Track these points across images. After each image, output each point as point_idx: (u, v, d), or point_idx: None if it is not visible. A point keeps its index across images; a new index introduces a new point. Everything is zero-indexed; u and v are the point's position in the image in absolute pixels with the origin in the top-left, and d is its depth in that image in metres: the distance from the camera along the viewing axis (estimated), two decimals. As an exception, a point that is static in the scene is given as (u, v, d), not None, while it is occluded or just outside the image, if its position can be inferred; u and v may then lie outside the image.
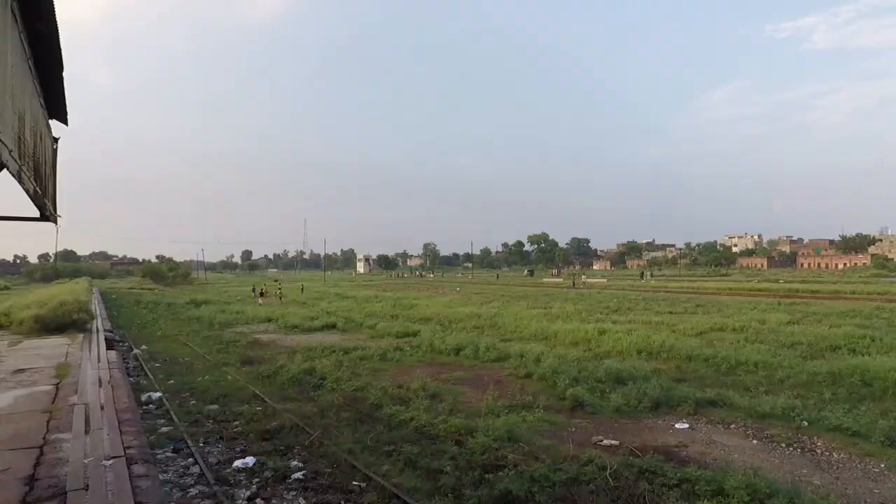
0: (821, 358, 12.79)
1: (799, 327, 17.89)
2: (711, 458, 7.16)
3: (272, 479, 6.81)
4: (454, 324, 22.14)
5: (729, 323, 19.42)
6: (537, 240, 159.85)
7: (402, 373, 13.20)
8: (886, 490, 6.14)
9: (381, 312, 28.05)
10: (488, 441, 7.42)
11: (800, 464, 6.97)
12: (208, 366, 14.90)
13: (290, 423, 8.85)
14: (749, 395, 9.98)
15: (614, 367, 11.81)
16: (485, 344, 15.68)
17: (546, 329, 18.89)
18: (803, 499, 5.42)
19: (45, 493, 5.26)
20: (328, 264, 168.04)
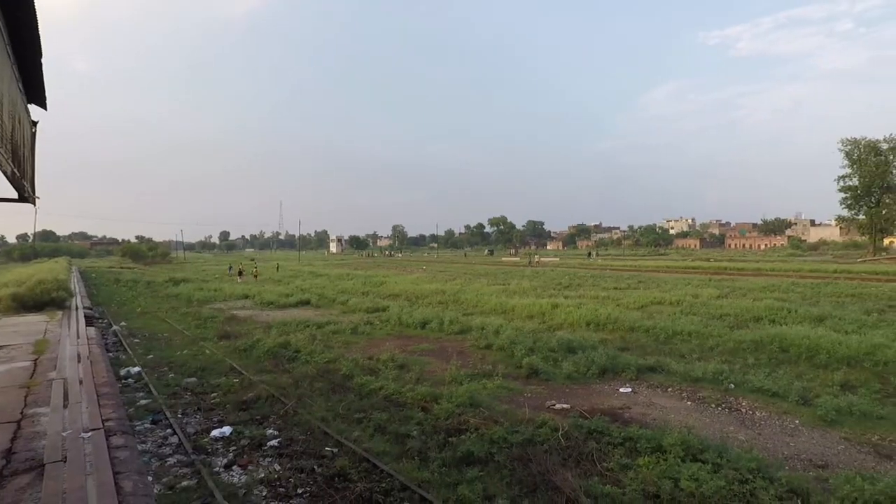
0: (745, 328, 13.28)
1: (727, 301, 18.54)
2: (651, 418, 7.35)
3: (248, 446, 6.65)
4: (420, 300, 22.08)
5: (667, 297, 19.97)
6: (497, 222, 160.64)
7: (372, 345, 13.08)
8: (800, 443, 6.44)
9: (352, 289, 27.73)
10: (452, 407, 7.42)
11: (727, 422, 7.24)
12: (186, 341, 14.43)
13: (266, 394, 8.66)
14: (684, 361, 10.29)
15: (566, 338, 11.99)
16: (449, 318, 15.68)
17: (504, 304, 19.03)
18: (730, 453, 5.61)
19: (23, 465, 4.97)
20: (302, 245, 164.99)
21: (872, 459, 5.89)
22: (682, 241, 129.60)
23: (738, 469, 5.21)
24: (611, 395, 8.64)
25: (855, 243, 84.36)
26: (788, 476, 5.16)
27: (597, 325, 14.42)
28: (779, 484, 4.97)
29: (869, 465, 5.69)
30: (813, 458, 5.97)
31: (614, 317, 14.88)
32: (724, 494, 4.77)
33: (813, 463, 5.83)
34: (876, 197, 63.99)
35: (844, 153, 65.22)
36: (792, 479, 5.06)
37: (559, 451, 6.00)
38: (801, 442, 6.48)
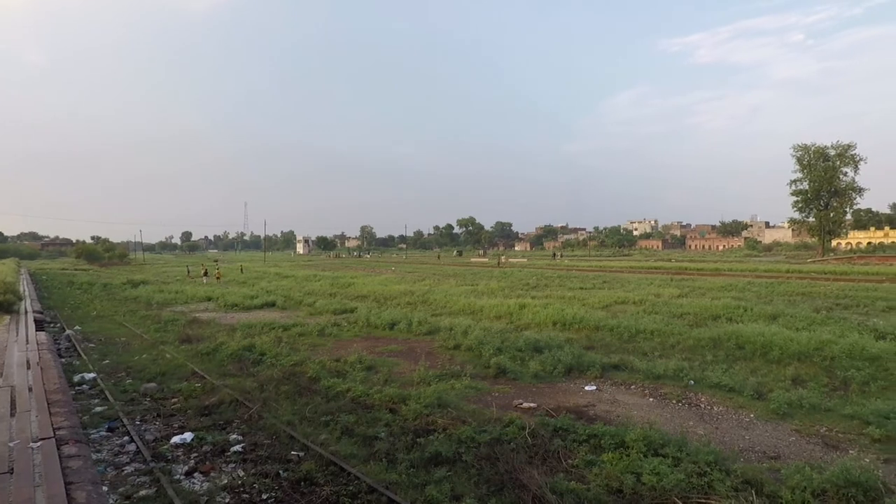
0: (704, 326, 13.73)
1: (687, 300, 19.13)
2: (615, 415, 7.52)
3: (211, 452, 6.47)
4: (389, 301, 21.96)
5: (630, 297, 20.47)
6: (466, 223, 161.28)
7: (339, 347, 12.93)
8: (754, 436, 6.71)
9: (319, 291, 27.36)
10: (420, 408, 7.41)
11: (687, 417, 7.47)
12: (146, 345, 13.94)
13: (230, 398, 8.45)
14: (646, 359, 10.56)
15: (533, 338, 12.14)
16: (417, 319, 15.66)
17: (473, 304, 19.13)
18: (689, 447, 5.80)
19: (-35, 479, 4.70)
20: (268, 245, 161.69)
21: (820, 450, 6.18)
22: (645, 243, 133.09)
23: (696, 462, 5.38)
24: (576, 393, 8.79)
25: (805, 244, 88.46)
26: (744, 468, 5.36)
27: (563, 325, 14.65)
28: (735, 476, 5.15)
29: (817, 456, 5.97)
30: (766, 449, 6.23)
31: (580, 316, 15.15)
32: (684, 487, 4.92)
33: (766, 455, 6.07)
34: (824, 200, 67.24)
35: (796, 159, 68.30)
36: (747, 471, 5.26)
37: (526, 449, 6.07)
38: (755, 435, 6.74)
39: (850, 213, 78.62)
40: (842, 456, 5.89)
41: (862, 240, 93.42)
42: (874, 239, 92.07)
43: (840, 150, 65.67)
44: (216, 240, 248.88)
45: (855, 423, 6.91)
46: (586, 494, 4.94)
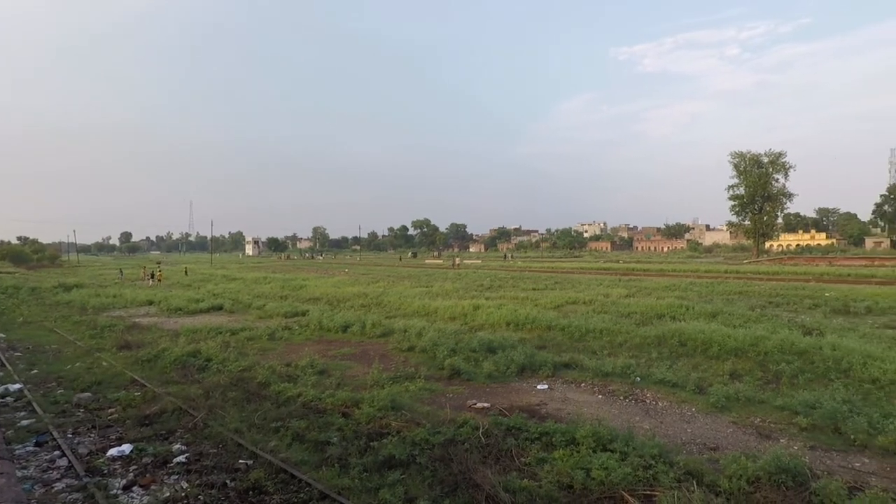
0: (650, 324, 14.29)
1: (634, 300, 19.86)
2: (566, 412, 7.70)
3: (152, 464, 6.17)
4: (342, 303, 21.64)
5: (581, 297, 21.04)
6: (420, 224, 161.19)
7: (290, 351, 12.63)
8: (695, 428, 7.04)
9: (269, 293, 26.62)
10: (373, 411, 7.34)
11: (634, 412, 7.75)
12: (80, 352, 13.13)
13: (173, 407, 8.08)
14: (596, 357, 10.88)
15: (486, 338, 12.27)
16: (371, 321, 15.51)
17: (427, 306, 19.13)
18: (636, 441, 6.01)
19: None
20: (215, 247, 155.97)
21: (755, 439, 6.56)
22: (595, 244, 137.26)
23: (642, 456, 5.59)
24: (529, 392, 8.95)
25: (742, 246, 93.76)
26: (686, 459, 5.61)
27: (516, 325, 14.88)
28: (677, 467, 5.39)
29: (752, 445, 6.32)
30: (706, 441, 6.54)
31: (532, 316, 15.43)
32: (631, 480, 5.10)
33: (706, 446, 6.38)
34: (759, 205, 71.52)
35: (733, 165, 72.39)
36: (689, 462, 5.51)
37: (479, 449, 6.12)
38: (696, 427, 7.08)
39: (781, 216, 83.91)
40: (773, 445, 6.27)
41: (791, 242, 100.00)
42: (802, 241, 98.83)
43: (772, 158, 70.13)
44: (159, 241, 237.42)
45: (785, 413, 7.37)
46: (538, 492, 5.03)
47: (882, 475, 5.44)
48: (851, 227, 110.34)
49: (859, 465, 5.71)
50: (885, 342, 11.16)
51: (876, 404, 7.33)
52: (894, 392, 7.98)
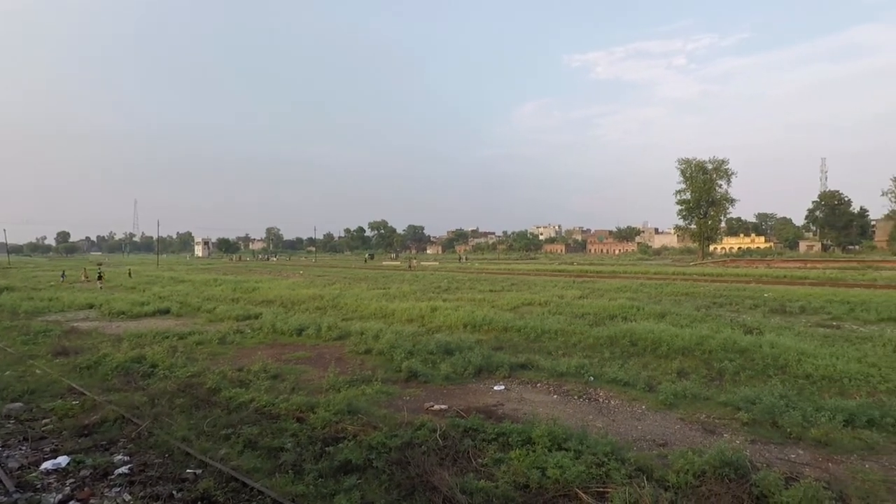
0: (603, 325, 14.69)
1: (588, 301, 20.39)
2: (522, 413, 7.81)
3: (91, 477, 5.83)
4: (297, 305, 21.17)
5: (536, 298, 21.42)
6: (377, 226, 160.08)
7: (242, 355, 12.24)
8: (646, 425, 7.29)
9: (220, 296, 25.73)
10: (329, 416, 7.21)
11: (588, 411, 7.95)
12: (10, 360, 12.25)
13: (115, 415, 7.67)
14: (551, 357, 11.09)
15: (444, 340, 12.29)
16: (327, 323, 15.24)
17: (385, 308, 18.99)
18: (589, 440, 6.16)
19: None
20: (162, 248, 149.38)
21: (701, 435, 6.86)
22: (550, 247, 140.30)
23: (595, 454, 5.73)
24: (486, 393, 9.02)
25: (689, 249, 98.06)
26: (636, 456, 5.80)
27: (473, 327, 14.98)
28: (629, 464, 5.56)
29: (698, 440, 6.61)
30: (656, 438, 6.79)
31: (489, 318, 15.58)
32: (584, 478, 5.23)
33: (656, 442, 6.62)
34: (704, 209, 75.00)
35: (680, 171, 75.65)
36: (639, 459, 5.69)
37: (437, 451, 6.12)
38: (646, 424, 7.33)
39: (725, 221, 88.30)
40: (718, 439, 6.57)
41: (734, 245, 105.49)
42: (743, 244, 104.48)
43: (716, 165, 73.75)
44: (100, 241, 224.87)
45: (728, 409, 7.74)
46: (495, 492, 5.08)
47: (814, 465, 5.79)
48: (787, 231, 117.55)
49: (794, 457, 6.06)
50: (817, 340, 11.91)
51: (809, 399, 7.80)
52: (825, 387, 8.54)
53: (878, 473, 5.47)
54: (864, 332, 13.03)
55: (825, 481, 5.17)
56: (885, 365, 9.35)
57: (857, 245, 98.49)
